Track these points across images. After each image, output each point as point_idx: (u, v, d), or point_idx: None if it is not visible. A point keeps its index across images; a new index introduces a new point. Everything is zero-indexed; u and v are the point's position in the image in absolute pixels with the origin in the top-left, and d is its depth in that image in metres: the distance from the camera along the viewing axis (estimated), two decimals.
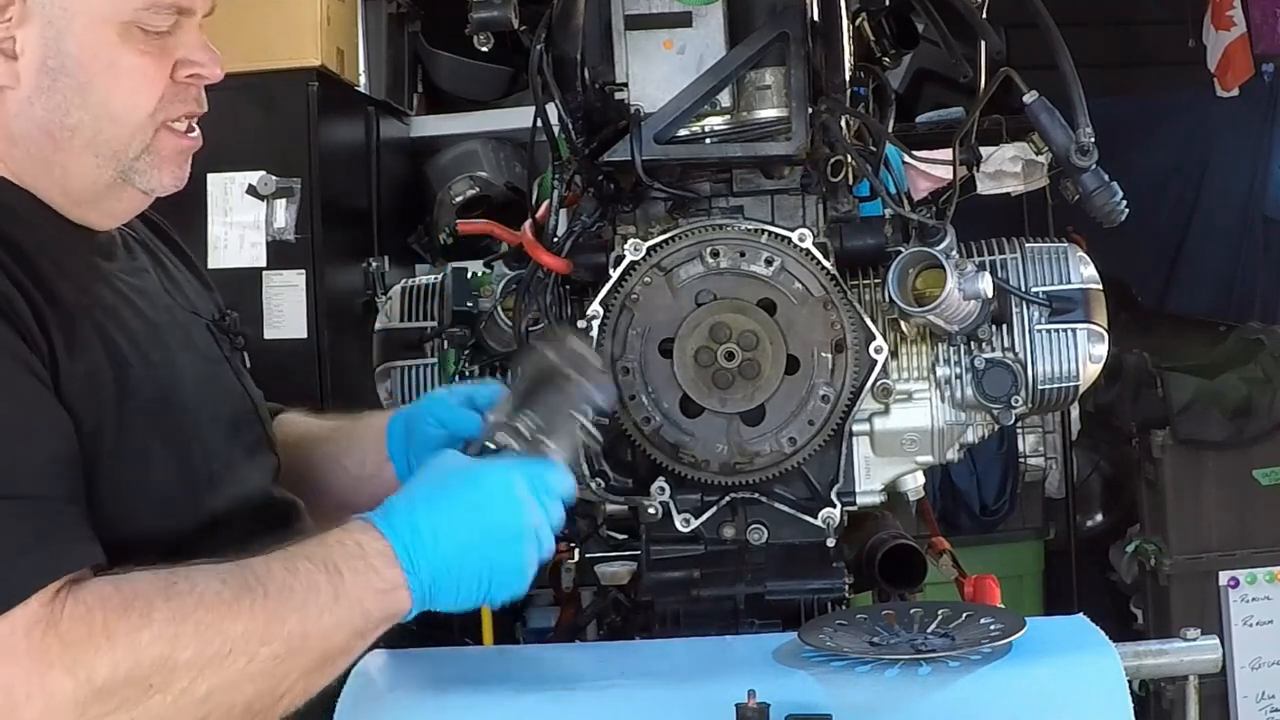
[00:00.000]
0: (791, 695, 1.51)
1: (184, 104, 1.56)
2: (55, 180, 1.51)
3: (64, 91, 1.48)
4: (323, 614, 1.37)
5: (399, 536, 1.41)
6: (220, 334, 1.74)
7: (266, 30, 3.58)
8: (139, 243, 1.69)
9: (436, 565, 1.41)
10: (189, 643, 1.31)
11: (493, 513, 1.44)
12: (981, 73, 2.16)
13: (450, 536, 1.42)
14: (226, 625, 1.33)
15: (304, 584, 1.37)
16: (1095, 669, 1.56)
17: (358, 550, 1.40)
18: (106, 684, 1.29)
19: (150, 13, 1.49)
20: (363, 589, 1.39)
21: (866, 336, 2.00)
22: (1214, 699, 4.00)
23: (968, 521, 4.51)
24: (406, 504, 1.44)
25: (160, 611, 1.31)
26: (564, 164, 2.10)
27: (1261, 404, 4.13)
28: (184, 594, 1.33)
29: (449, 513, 1.43)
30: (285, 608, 1.35)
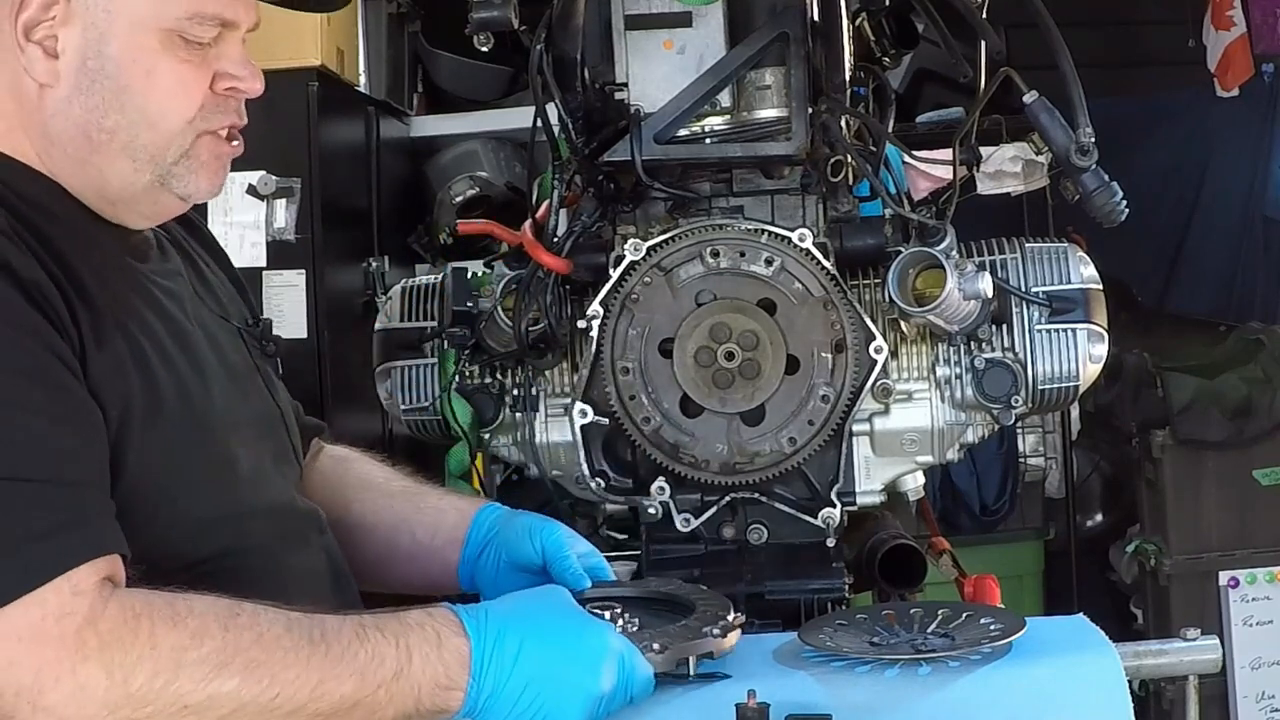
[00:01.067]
0: (791, 695, 1.50)
1: (224, 115, 1.56)
2: (91, 181, 1.51)
3: (102, 94, 1.48)
4: (379, 689, 1.36)
5: (482, 644, 1.40)
6: (250, 340, 1.74)
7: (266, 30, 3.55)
8: (174, 244, 1.69)
9: (501, 688, 1.39)
10: (234, 674, 1.31)
11: (578, 668, 1.41)
12: (981, 73, 2.16)
13: (528, 668, 1.40)
14: (279, 671, 1.32)
15: (370, 654, 1.36)
16: (1095, 669, 1.56)
17: (435, 639, 1.39)
18: (141, 691, 1.29)
19: (193, 23, 1.49)
20: (425, 678, 1.37)
21: (866, 336, 2.00)
22: (1214, 699, 4.00)
23: (968, 521, 4.51)
24: (502, 617, 1.42)
25: (214, 638, 1.31)
26: (564, 164, 2.10)
27: (1261, 404, 4.13)
28: (244, 628, 1.32)
29: (538, 645, 1.41)
30: (345, 670, 1.35)
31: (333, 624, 1.37)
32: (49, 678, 1.27)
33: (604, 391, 2.00)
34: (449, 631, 1.40)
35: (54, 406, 1.36)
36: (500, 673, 1.39)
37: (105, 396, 1.41)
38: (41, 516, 1.31)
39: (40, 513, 1.31)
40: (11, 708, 1.29)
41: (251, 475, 1.58)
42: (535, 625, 1.42)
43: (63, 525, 1.31)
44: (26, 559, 1.29)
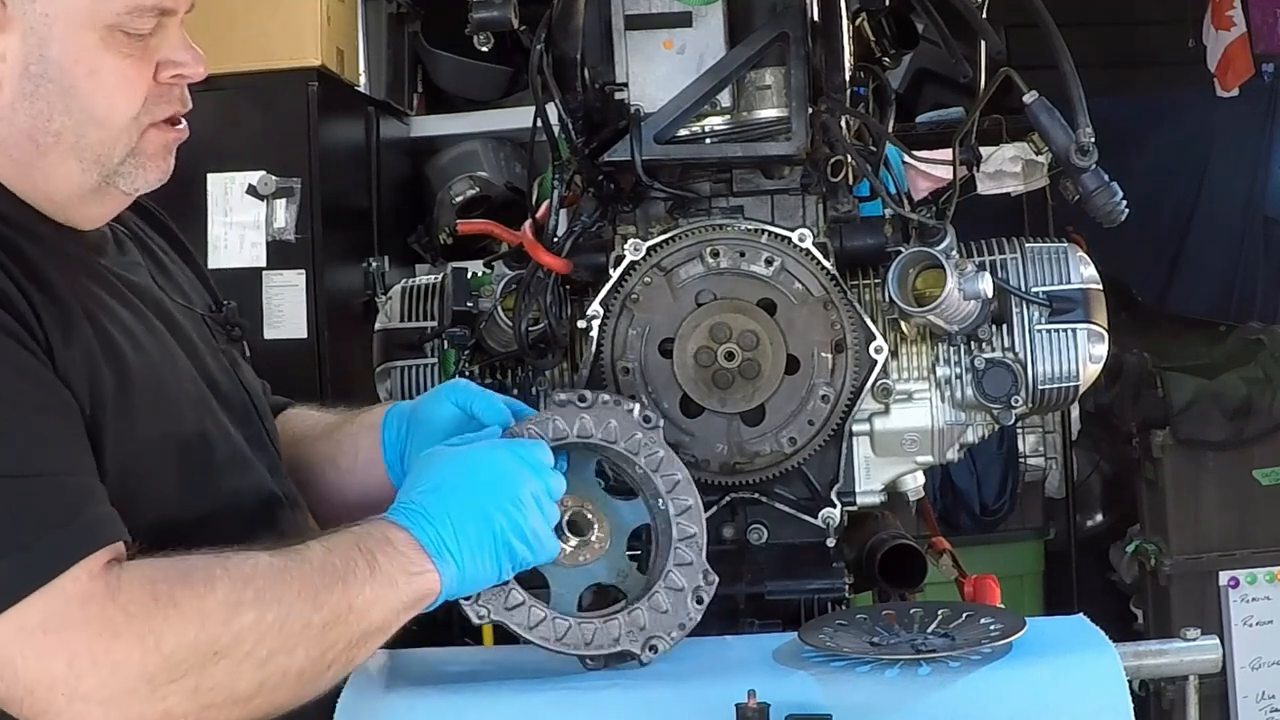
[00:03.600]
0: (791, 695, 1.51)
1: (168, 105, 1.56)
2: (38, 185, 1.51)
3: (47, 97, 1.47)
4: (363, 588, 1.42)
5: (418, 526, 1.47)
6: (216, 326, 1.74)
7: (266, 30, 3.58)
8: (131, 237, 1.69)
9: (456, 545, 1.48)
10: (251, 607, 1.35)
11: (495, 489, 1.51)
12: (981, 73, 2.16)
13: (463, 519, 1.49)
14: (282, 591, 1.38)
15: (342, 560, 1.42)
16: (1095, 669, 1.56)
17: (384, 539, 1.46)
18: (174, 651, 1.31)
19: (132, 16, 1.48)
20: (396, 570, 1.45)
21: (866, 336, 2.00)
22: (1214, 699, 4.00)
23: (968, 521, 4.51)
24: (415, 497, 1.50)
25: (221, 580, 1.35)
26: (564, 164, 2.10)
27: (1261, 404, 4.13)
28: (239, 564, 1.37)
29: (456, 497, 1.50)
30: (330, 579, 1.41)
31: (300, 547, 1.43)
32: (84, 663, 1.29)
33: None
34: (390, 529, 1.48)
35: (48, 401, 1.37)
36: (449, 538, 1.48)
37: (76, 391, 1.42)
38: (53, 508, 1.33)
39: (51, 505, 1.33)
40: (45, 703, 1.30)
41: (227, 461, 1.60)
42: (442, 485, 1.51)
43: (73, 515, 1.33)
44: (43, 551, 1.31)
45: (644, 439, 1.67)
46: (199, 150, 3.52)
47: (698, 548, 1.66)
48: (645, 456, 1.67)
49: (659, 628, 1.62)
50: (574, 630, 1.59)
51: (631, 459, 1.67)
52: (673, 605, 1.63)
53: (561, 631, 1.58)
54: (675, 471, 1.68)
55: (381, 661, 1.69)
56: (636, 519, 1.72)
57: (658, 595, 1.63)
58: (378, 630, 1.46)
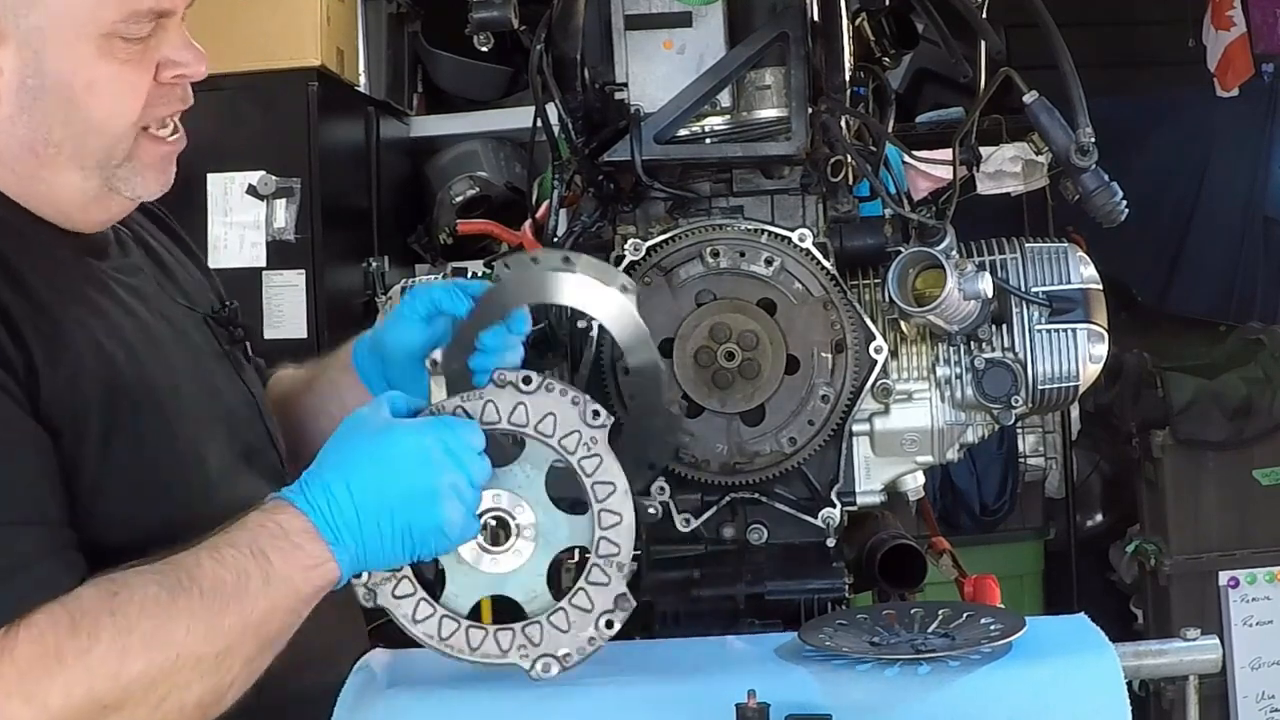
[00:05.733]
0: (791, 695, 1.51)
1: (169, 104, 1.55)
2: (41, 194, 1.51)
3: (46, 109, 1.47)
4: (258, 601, 1.37)
5: (318, 511, 1.41)
6: (218, 327, 1.73)
7: (266, 30, 3.58)
8: (134, 239, 1.68)
9: (359, 534, 1.42)
10: (138, 655, 1.31)
11: (407, 476, 1.43)
12: (981, 73, 2.16)
13: (367, 505, 1.42)
14: (169, 631, 1.33)
15: (234, 574, 1.37)
16: (1094, 669, 1.56)
17: (280, 532, 1.40)
18: (62, 710, 1.28)
19: (128, 23, 1.47)
20: (291, 568, 1.40)
21: (866, 336, 2.00)
22: (1214, 699, 4.00)
23: (968, 521, 4.51)
24: (320, 477, 1.43)
25: (106, 629, 1.31)
26: (564, 164, 2.10)
27: (1261, 404, 4.13)
28: (125, 604, 1.32)
29: (363, 481, 1.42)
30: (221, 602, 1.36)
31: (190, 562, 1.37)
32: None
33: (604, 391, 1.99)
34: (287, 517, 1.41)
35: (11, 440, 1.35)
36: (350, 524, 1.41)
37: (61, 411, 1.40)
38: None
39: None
40: None
41: (220, 474, 1.58)
42: (352, 465, 1.43)
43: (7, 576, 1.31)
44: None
45: (584, 437, 1.51)
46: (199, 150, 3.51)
47: (618, 568, 1.51)
48: (580, 457, 1.51)
49: (555, 647, 1.50)
50: (460, 633, 1.50)
51: (566, 457, 1.51)
52: (575, 625, 1.51)
53: (447, 632, 1.49)
54: (612, 479, 1.52)
55: (382, 660, 1.69)
56: (573, 538, 1.55)
57: (561, 612, 1.51)
58: (278, 635, 1.42)
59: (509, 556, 1.53)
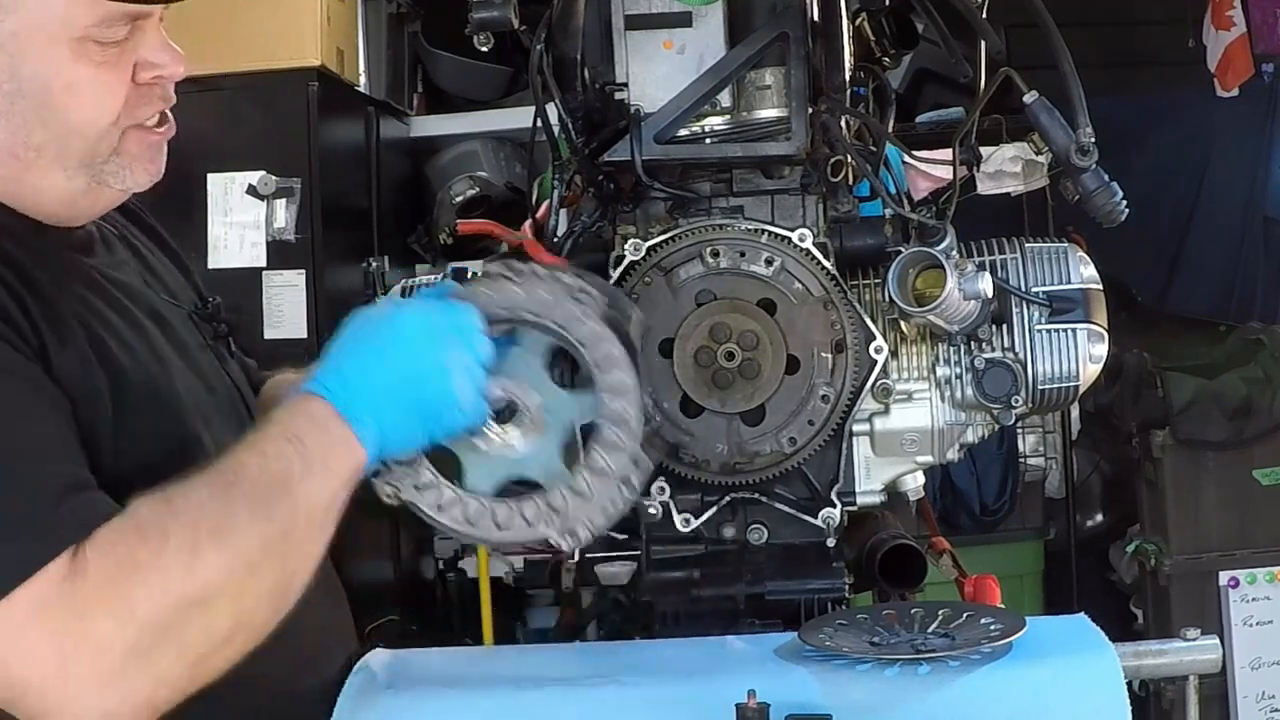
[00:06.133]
0: (791, 695, 1.51)
1: (149, 105, 1.55)
2: (27, 196, 1.52)
3: (23, 114, 1.47)
4: (303, 483, 1.41)
5: (336, 396, 1.45)
6: (202, 322, 1.74)
7: (266, 30, 3.59)
8: (117, 237, 1.69)
9: (377, 412, 1.45)
10: (209, 547, 1.34)
11: (416, 353, 1.47)
12: (981, 73, 2.16)
13: (381, 385, 1.46)
14: (233, 520, 1.36)
15: (276, 460, 1.40)
16: (1094, 669, 1.56)
17: (307, 418, 1.44)
18: (148, 614, 1.30)
19: (102, 27, 1.47)
20: (325, 449, 1.43)
21: (866, 336, 2.00)
22: (1214, 699, 4.00)
23: (968, 521, 4.51)
24: (334, 365, 1.48)
25: (173, 530, 1.33)
26: (564, 164, 2.10)
27: (1261, 404, 4.13)
28: (183, 507, 1.35)
29: (375, 362, 1.47)
30: (270, 488, 1.39)
31: (230, 463, 1.40)
32: (70, 648, 1.28)
33: None
34: (311, 405, 1.45)
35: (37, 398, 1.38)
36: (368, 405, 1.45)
37: (72, 394, 1.42)
38: (36, 501, 1.32)
39: (35, 498, 1.32)
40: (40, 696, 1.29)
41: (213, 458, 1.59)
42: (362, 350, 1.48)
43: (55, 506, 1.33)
44: (26, 544, 1.30)
45: (577, 311, 1.53)
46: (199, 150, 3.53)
47: (630, 431, 1.52)
48: (576, 330, 1.53)
49: (579, 513, 1.50)
50: (485, 512, 1.50)
51: (562, 333, 1.54)
52: (596, 489, 1.51)
53: (472, 513, 1.50)
54: (610, 349, 1.53)
55: (382, 660, 1.70)
56: (581, 415, 1.56)
57: (579, 478, 1.51)
58: (325, 516, 1.44)
59: (521, 438, 1.55)
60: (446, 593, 4.08)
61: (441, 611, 4.04)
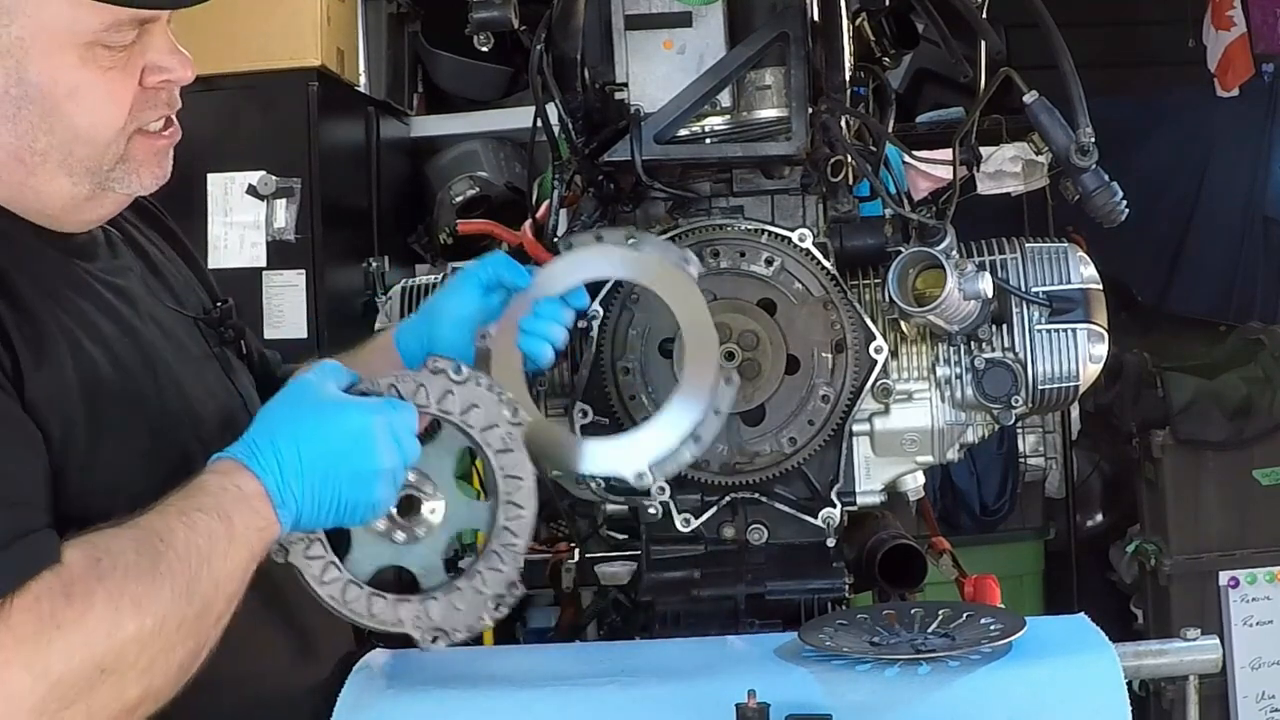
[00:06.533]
0: (791, 695, 1.51)
1: (156, 109, 1.54)
2: (30, 201, 1.51)
3: (29, 119, 1.47)
4: (226, 561, 1.40)
5: (269, 476, 1.44)
6: (208, 328, 1.73)
7: (266, 30, 3.58)
8: (125, 239, 1.68)
9: (300, 502, 1.45)
10: (130, 618, 1.33)
11: (355, 456, 1.47)
12: (981, 73, 2.16)
13: (314, 475, 1.46)
14: (155, 593, 1.35)
15: (205, 538, 1.39)
16: (1094, 669, 1.56)
17: (239, 494, 1.43)
18: (62, 676, 1.29)
19: (110, 32, 1.46)
20: (248, 529, 1.43)
21: (866, 336, 2.00)
22: (1214, 699, 4.00)
23: (968, 521, 4.51)
24: (272, 441, 1.46)
25: (98, 594, 1.32)
26: (564, 164, 2.10)
27: (1261, 404, 4.13)
28: (111, 570, 1.34)
29: (314, 452, 1.46)
30: (195, 565, 1.38)
31: (160, 527, 1.39)
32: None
33: (604, 391, 2.00)
34: (243, 480, 1.44)
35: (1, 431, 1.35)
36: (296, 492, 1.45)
37: (46, 415, 1.41)
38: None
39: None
40: None
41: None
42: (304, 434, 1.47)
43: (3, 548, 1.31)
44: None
45: (502, 432, 1.59)
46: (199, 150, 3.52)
47: (515, 556, 1.59)
48: (496, 450, 1.59)
49: (449, 624, 1.57)
50: (363, 600, 1.55)
51: (482, 445, 1.59)
52: (469, 605, 1.58)
53: (351, 597, 1.55)
54: (520, 475, 1.60)
55: (382, 660, 1.70)
56: (472, 521, 1.64)
57: (458, 592, 1.58)
58: (237, 593, 1.44)
59: (413, 532, 1.61)
60: None
61: None
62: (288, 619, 1.62)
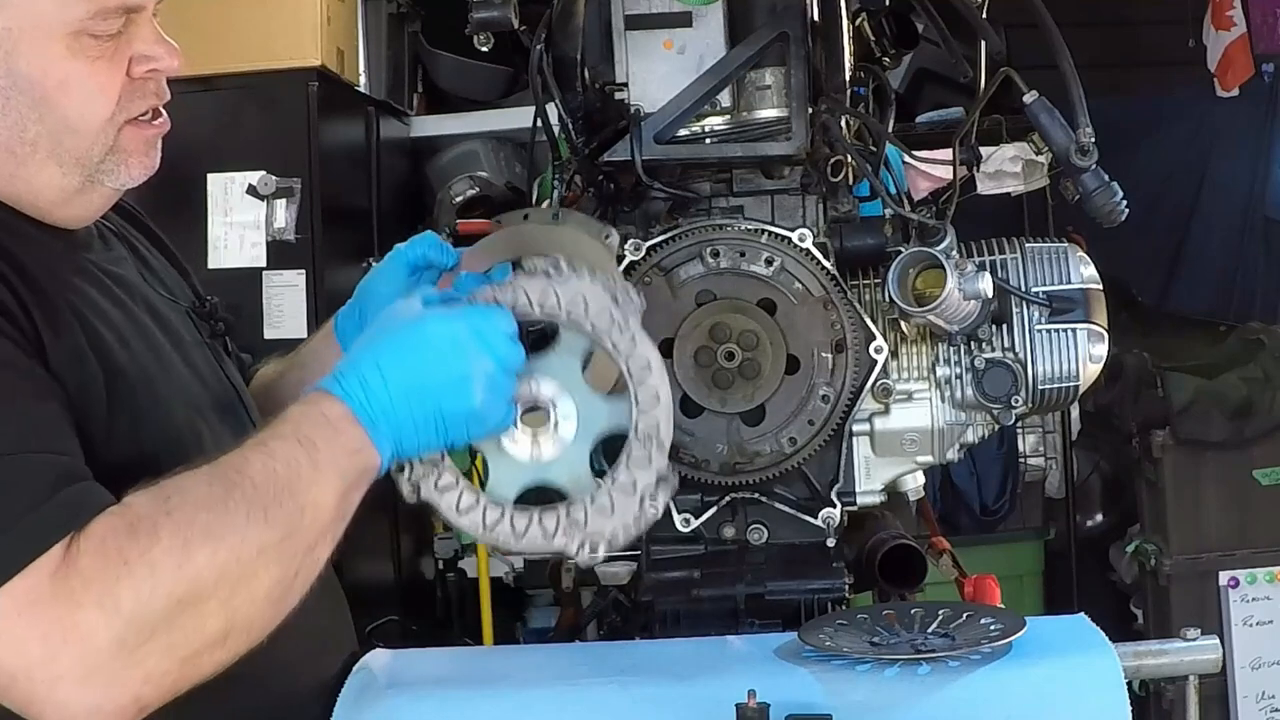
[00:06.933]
0: (791, 695, 1.51)
1: (144, 99, 1.55)
2: (21, 192, 1.52)
3: (19, 109, 1.47)
4: (310, 487, 1.39)
5: (353, 398, 1.43)
6: (199, 320, 1.75)
7: (266, 30, 3.58)
8: (115, 234, 1.69)
9: (394, 419, 1.43)
10: (200, 547, 1.32)
11: (439, 362, 1.45)
12: (981, 73, 2.16)
13: (400, 391, 1.43)
14: (228, 521, 1.34)
15: (284, 464, 1.38)
16: (1094, 669, 1.56)
17: (322, 419, 1.42)
18: (134, 610, 1.29)
19: (96, 20, 1.47)
20: (336, 453, 1.41)
21: (866, 336, 2.00)
22: (1214, 699, 4.00)
23: (968, 521, 4.51)
24: (354, 365, 1.45)
25: (165, 526, 1.31)
26: (564, 164, 2.10)
27: (1261, 404, 4.13)
28: (180, 503, 1.33)
29: (396, 367, 1.44)
30: (274, 491, 1.37)
31: (236, 460, 1.38)
32: (57, 640, 1.27)
33: None
34: (327, 405, 1.42)
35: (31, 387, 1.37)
36: (386, 410, 1.42)
37: (67, 386, 1.42)
38: (30, 490, 1.31)
39: (28, 486, 1.32)
40: (27, 689, 1.28)
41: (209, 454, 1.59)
42: (385, 353, 1.45)
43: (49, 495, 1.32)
44: (20, 533, 1.30)
45: (616, 318, 1.50)
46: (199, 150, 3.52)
47: (660, 447, 1.50)
48: (615, 338, 1.50)
49: (600, 528, 1.48)
50: (505, 520, 1.48)
51: (600, 337, 1.50)
52: (619, 505, 1.48)
53: (492, 520, 1.47)
54: (648, 358, 1.50)
55: (382, 660, 1.70)
56: (613, 422, 1.54)
57: (604, 492, 1.49)
58: (333, 522, 1.42)
59: (550, 444, 1.52)
60: (446, 593, 4.08)
61: (441, 611, 4.04)
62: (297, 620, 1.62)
